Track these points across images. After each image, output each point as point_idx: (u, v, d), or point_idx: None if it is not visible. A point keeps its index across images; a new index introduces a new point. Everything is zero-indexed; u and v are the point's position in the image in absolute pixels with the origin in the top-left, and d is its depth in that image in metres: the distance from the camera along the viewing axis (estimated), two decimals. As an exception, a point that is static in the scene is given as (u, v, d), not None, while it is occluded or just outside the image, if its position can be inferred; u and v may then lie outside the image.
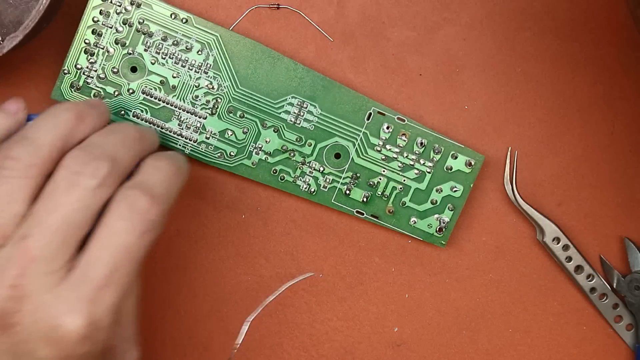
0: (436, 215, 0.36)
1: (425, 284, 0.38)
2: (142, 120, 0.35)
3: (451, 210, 0.36)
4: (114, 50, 0.35)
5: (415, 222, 0.36)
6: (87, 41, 0.35)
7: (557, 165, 0.37)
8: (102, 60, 0.35)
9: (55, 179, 0.27)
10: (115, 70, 0.35)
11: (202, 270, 0.37)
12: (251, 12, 0.36)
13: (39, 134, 0.28)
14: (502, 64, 0.37)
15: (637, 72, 0.37)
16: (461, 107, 0.37)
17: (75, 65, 0.35)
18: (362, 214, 0.36)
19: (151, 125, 0.35)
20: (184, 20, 0.35)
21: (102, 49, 0.35)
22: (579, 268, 0.37)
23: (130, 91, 0.35)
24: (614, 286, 0.37)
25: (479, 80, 0.37)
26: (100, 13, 0.35)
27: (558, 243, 0.37)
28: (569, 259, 0.37)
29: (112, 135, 0.29)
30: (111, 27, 0.35)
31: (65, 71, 0.35)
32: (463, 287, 0.38)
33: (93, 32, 0.35)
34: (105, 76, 0.35)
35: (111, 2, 0.34)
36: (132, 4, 0.35)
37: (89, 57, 0.35)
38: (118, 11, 0.35)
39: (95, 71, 0.35)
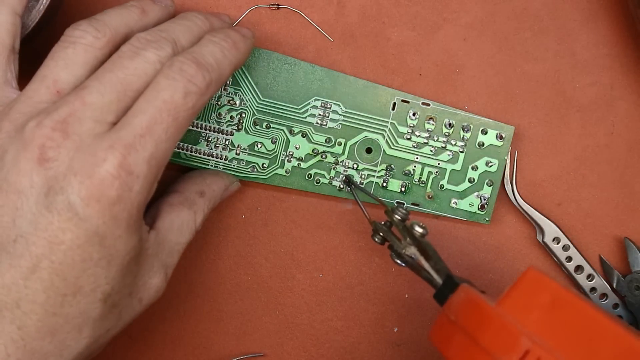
0: (476, 193, 0.36)
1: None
2: None
3: (490, 186, 0.36)
4: None
5: (456, 204, 0.36)
6: None
7: (557, 165, 0.37)
8: None
9: (120, 50, 0.29)
10: None
11: (202, 270, 0.37)
12: (251, 12, 0.36)
13: (106, 17, 0.30)
14: (502, 64, 0.37)
15: (637, 72, 0.37)
16: (461, 107, 0.37)
17: None
18: (403, 204, 0.36)
19: (182, 150, 0.35)
20: None
21: None
22: (579, 268, 0.37)
23: None
24: (614, 286, 0.37)
25: (479, 80, 0.37)
26: None
27: (558, 243, 0.37)
28: (569, 259, 0.37)
29: (177, 22, 0.31)
30: None
31: None
32: (463, 287, 0.38)
33: None
34: None
35: None
36: None
37: None
38: None
39: None
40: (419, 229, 0.31)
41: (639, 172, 0.37)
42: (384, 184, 0.36)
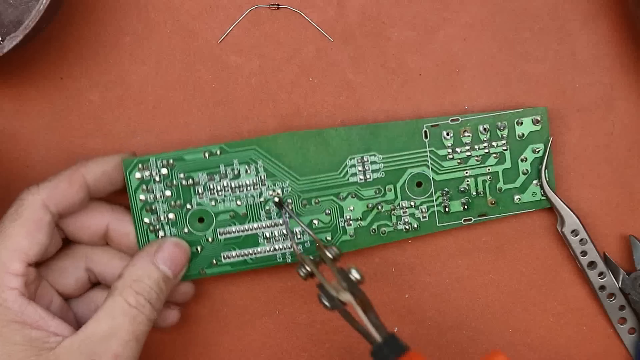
0: (534, 182, 0.36)
1: (425, 284, 0.38)
2: (235, 257, 0.35)
3: (544, 169, 0.36)
4: (174, 214, 0.35)
5: (519, 199, 0.36)
6: (146, 221, 0.35)
7: (557, 165, 0.37)
8: (169, 229, 0.35)
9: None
10: (186, 231, 0.35)
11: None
12: (251, 12, 0.37)
13: None
14: (502, 64, 0.37)
15: (637, 72, 0.37)
16: (461, 107, 0.37)
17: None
18: (471, 220, 0.36)
19: (246, 256, 0.35)
20: (218, 153, 0.35)
21: (164, 220, 0.35)
22: (592, 264, 0.37)
23: (210, 240, 0.35)
24: (619, 284, 0.37)
25: (479, 80, 0.37)
26: (142, 191, 0.34)
27: (576, 236, 0.36)
28: (584, 253, 0.37)
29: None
30: (160, 198, 0.35)
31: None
32: (463, 287, 0.38)
33: (147, 210, 0.35)
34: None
35: (145, 177, 0.34)
36: (165, 166, 0.34)
37: (157, 233, 0.35)
38: (157, 180, 0.34)
39: None
40: (356, 275, 0.30)
41: (639, 172, 0.37)
42: (446, 209, 0.36)
